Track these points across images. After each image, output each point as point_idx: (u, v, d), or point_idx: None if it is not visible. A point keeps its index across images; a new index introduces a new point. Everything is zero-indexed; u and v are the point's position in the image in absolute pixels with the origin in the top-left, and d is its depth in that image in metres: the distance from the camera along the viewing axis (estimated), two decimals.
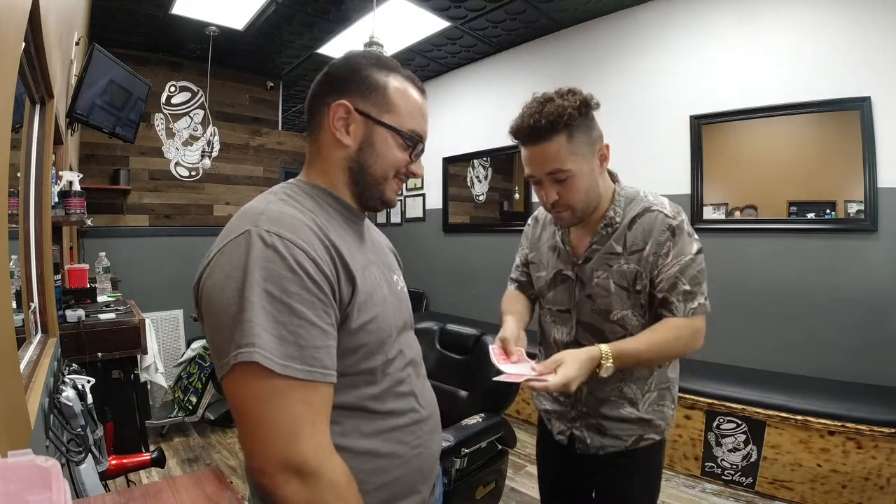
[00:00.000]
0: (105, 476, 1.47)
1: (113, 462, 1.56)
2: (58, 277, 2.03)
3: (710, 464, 2.31)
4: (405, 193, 4.85)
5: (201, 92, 4.14)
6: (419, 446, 0.73)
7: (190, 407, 2.92)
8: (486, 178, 4.15)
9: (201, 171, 4.17)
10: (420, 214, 4.73)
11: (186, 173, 4.17)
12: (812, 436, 2.04)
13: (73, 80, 2.35)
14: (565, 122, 0.90)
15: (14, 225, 1.41)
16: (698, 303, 0.97)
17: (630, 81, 3.13)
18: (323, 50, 3.85)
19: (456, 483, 1.47)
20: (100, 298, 2.59)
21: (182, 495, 0.78)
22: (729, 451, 2.26)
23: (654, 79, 3.03)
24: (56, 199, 1.76)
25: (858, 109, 2.28)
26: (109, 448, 1.72)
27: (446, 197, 4.47)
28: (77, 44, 2.28)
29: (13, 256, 1.38)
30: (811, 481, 2.05)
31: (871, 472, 1.93)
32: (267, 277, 0.56)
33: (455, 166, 4.38)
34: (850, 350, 2.34)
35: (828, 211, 2.42)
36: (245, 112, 4.49)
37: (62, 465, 0.81)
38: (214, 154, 3.96)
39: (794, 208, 2.53)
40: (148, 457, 1.66)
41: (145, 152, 3.93)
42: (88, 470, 1.26)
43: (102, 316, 2.13)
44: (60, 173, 1.91)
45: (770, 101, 2.54)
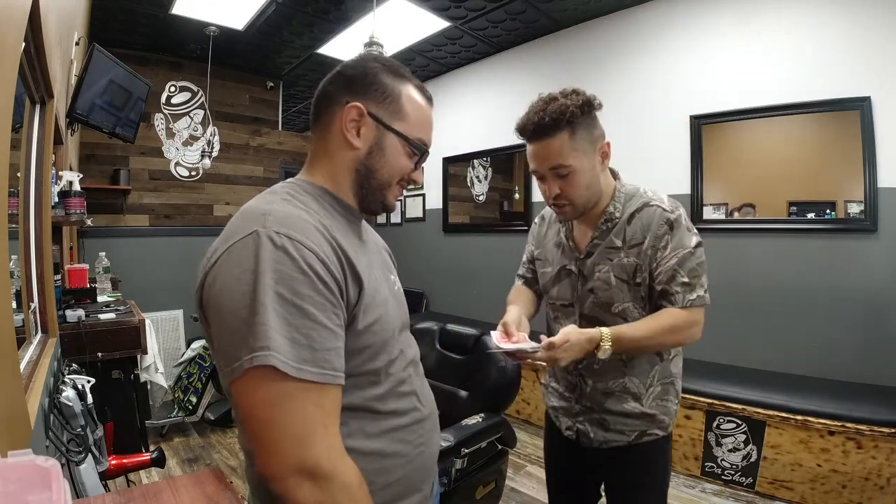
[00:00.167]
0: (105, 476, 1.47)
1: (113, 462, 1.56)
2: (58, 277, 2.03)
3: (710, 464, 2.31)
4: (405, 193, 4.85)
5: (201, 92, 4.14)
6: (421, 445, 0.73)
7: (190, 407, 2.92)
8: (486, 178, 4.15)
9: (201, 171, 4.17)
10: (420, 214, 4.73)
11: (186, 173, 4.16)
12: (812, 436, 2.05)
13: (73, 80, 2.35)
14: (568, 120, 0.95)
15: (14, 225, 1.41)
16: (697, 295, 0.99)
17: (630, 81, 3.13)
18: (323, 50, 3.85)
19: (456, 483, 1.47)
20: (100, 298, 2.59)
21: (182, 495, 0.78)
22: (729, 451, 2.26)
23: (654, 79, 3.03)
24: (56, 199, 1.76)
25: (858, 109, 2.28)
26: (109, 448, 1.72)
27: (446, 197, 4.47)
28: (77, 44, 2.28)
29: (13, 256, 1.38)
30: (811, 481, 2.05)
31: (871, 472, 1.93)
32: (278, 280, 0.55)
33: (455, 166, 4.38)
34: (850, 350, 2.34)
35: (828, 211, 2.42)
36: (245, 112, 4.48)
37: (62, 465, 0.81)
38: (214, 154, 3.96)
39: (794, 208, 2.52)
40: (148, 457, 1.66)
41: (145, 152, 3.93)
42: (88, 470, 1.26)
43: (102, 316, 2.13)
44: (60, 173, 1.91)
45: (770, 101, 2.54)
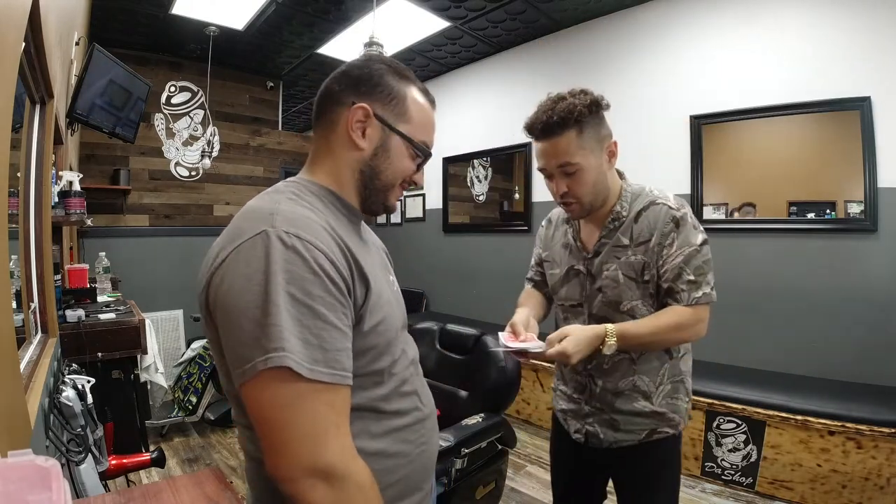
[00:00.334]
0: (105, 476, 1.47)
1: (113, 462, 1.56)
2: (58, 277, 2.03)
3: (710, 464, 2.31)
4: (405, 193, 4.85)
5: (201, 92, 4.14)
6: (423, 444, 0.74)
7: (190, 407, 2.92)
8: (486, 178, 4.15)
9: (201, 171, 4.17)
10: (420, 214, 4.73)
11: (186, 173, 4.16)
12: (812, 436, 2.04)
13: (73, 80, 2.35)
14: (575, 119, 0.96)
15: (14, 225, 1.41)
16: (703, 292, 1.00)
17: (630, 81, 3.13)
18: (323, 50, 3.85)
19: (456, 483, 1.47)
20: (100, 298, 2.59)
21: (182, 495, 0.78)
22: (729, 451, 2.26)
23: (654, 79, 3.03)
24: (56, 199, 1.76)
25: (858, 109, 2.28)
26: (109, 448, 1.72)
27: (446, 197, 4.47)
28: (77, 44, 2.28)
29: (13, 256, 1.38)
30: (811, 481, 2.05)
31: (871, 472, 1.93)
32: (290, 280, 0.55)
33: (455, 166, 4.38)
34: (850, 350, 2.34)
35: (828, 211, 2.42)
36: (245, 112, 4.48)
37: (62, 465, 0.81)
38: (214, 154, 3.96)
39: (794, 208, 2.52)
40: (148, 457, 1.66)
41: (145, 152, 3.93)
42: (88, 470, 1.26)
43: (102, 316, 2.13)
44: (60, 173, 1.91)
45: (770, 101, 2.54)
